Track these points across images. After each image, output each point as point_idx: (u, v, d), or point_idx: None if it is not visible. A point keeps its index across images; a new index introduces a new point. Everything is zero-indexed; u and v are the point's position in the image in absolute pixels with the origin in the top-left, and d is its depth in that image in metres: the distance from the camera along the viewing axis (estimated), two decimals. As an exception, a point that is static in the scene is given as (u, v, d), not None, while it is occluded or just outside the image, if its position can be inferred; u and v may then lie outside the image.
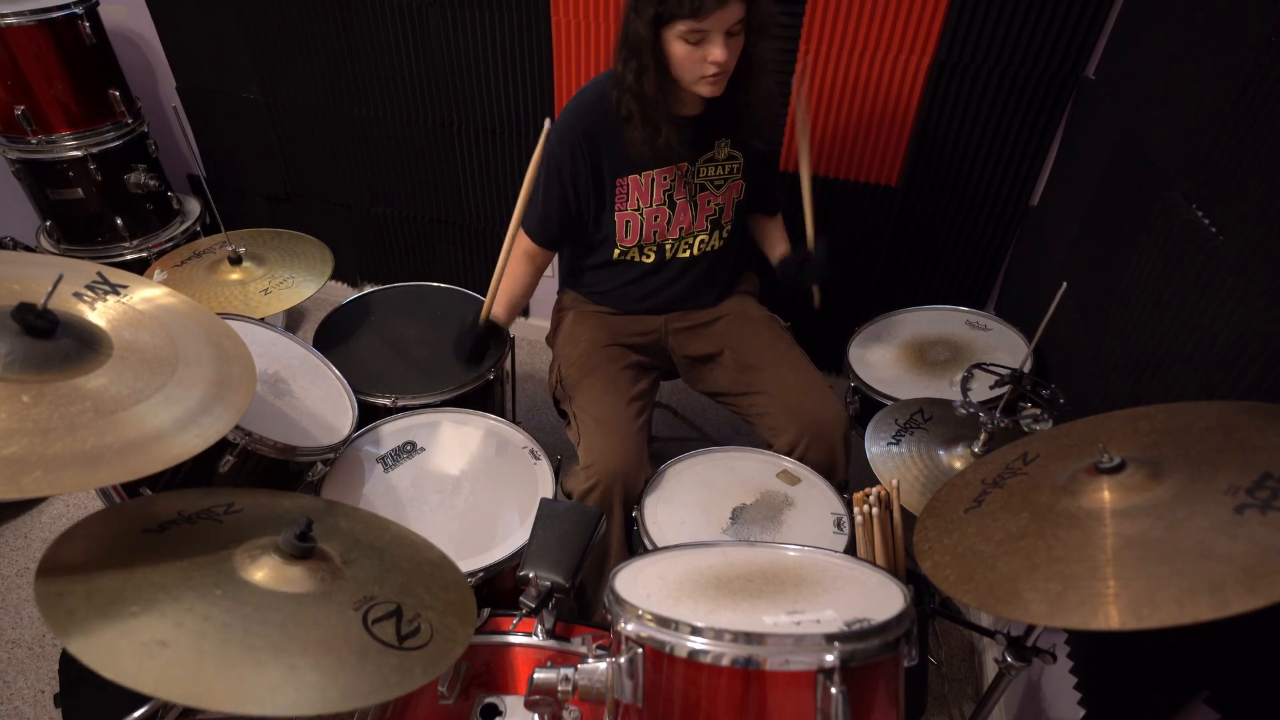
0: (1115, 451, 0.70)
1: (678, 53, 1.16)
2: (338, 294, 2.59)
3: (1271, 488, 0.58)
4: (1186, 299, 0.97)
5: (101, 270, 0.96)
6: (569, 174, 1.33)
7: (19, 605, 1.61)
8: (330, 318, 1.65)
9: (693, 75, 1.19)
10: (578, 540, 0.96)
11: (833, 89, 1.73)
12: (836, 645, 0.64)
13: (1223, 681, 0.78)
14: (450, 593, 0.87)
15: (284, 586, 0.76)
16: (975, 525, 0.77)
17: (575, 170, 1.32)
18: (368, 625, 0.75)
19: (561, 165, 1.32)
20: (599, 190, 1.36)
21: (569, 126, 1.31)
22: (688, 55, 1.16)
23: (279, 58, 2.14)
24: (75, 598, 0.66)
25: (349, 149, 2.26)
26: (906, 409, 1.20)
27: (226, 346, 0.95)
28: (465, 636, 0.81)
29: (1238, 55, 0.96)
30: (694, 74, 1.18)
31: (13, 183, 2.05)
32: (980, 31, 1.57)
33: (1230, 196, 0.93)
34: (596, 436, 1.30)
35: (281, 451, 1.16)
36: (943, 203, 1.82)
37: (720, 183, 1.39)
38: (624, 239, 1.40)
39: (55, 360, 0.77)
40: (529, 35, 1.87)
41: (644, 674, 0.70)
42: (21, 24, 1.79)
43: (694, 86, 1.20)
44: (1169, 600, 0.55)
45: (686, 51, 1.15)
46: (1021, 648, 0.92)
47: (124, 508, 0.83)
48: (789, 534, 1.21)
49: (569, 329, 1.53)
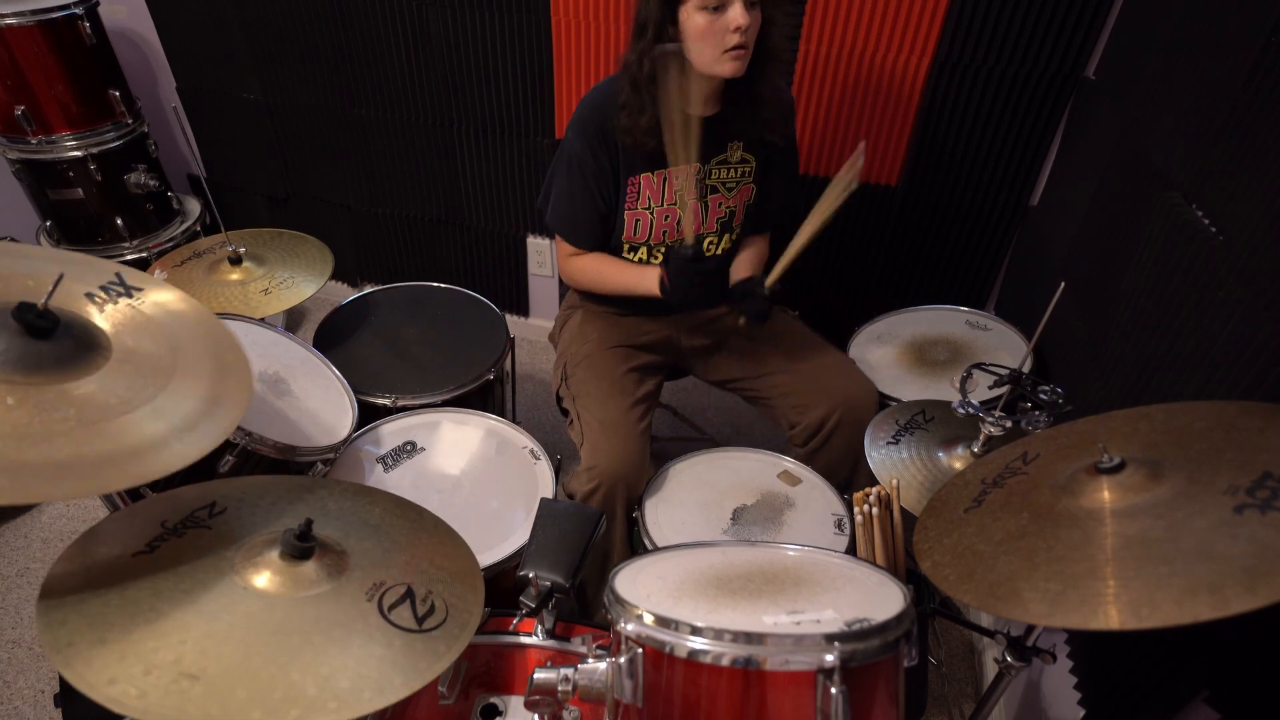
0: (1115, 451, 0.70)
1: (698, 26, 1.12)
2: (338, 294, 2.59)
3: (1271, 488, 0.58)
4: (1186, 299, 0.96)
5: (121, 271, 0.93)
6: (592, 171, 1.31)
7: (19, 605, 1.61)
8: (330, 318, 1.66)
9: (715, 51, 1.14)
10: (578, 540, 0.96)
11: (833, 89, 1.73)
12: (836, 645, 0.64)
13: (1223, 681, 0.78)
14: (453, 560, 0.87)
15: (295, 591, 0.75)
16: (975, 525, 0.77)
17: (598, 166, 1.31)
18: (385, 613, 0.74)
19: (584, 164, 1.31)
20: (615, 186, 1.35)
21: (586, 121, 1.29)
22: (709, 26, 1.12)
23: (279, 58, 2.14)
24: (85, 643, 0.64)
25: (349, 149, 2.26)
26: (908, 410, 1.20)
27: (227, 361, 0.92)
28: (478, 604, 0.81)
29: (1238, 55, 0.96)
30: (716, 49, 1.14)
31: (13, 183, 2.05)
32: (980, 31, 1.57)
33: (1230, 196, 0.93)
34: (600, 439, 1.30)
35: (281, 452, 1.16)
36: (943, 203, 1.81)
37: (732, 185, 1.38)
38: (633, 237, 1.39)
39: (49, 363, 0.75)
40: (529, 35, 1.87)
41: (644, 674, 0.70)
42: (21, 24, 1.79)
43: (716, 66, 1.16)
44: (1169, 600, 0.55)
45: (707, 22, 1.11)
46: (1021, 648, 0.92)
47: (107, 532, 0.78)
48: (789, 534, 1.21)
49: (576, 327, 1.52)
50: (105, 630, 0.66)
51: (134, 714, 0.60)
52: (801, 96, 1.75)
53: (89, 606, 0.68)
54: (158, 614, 0.69)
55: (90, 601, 0.68)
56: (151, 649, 0.65)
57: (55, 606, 0.67)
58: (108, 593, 0.70)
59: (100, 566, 0.73)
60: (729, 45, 1.14)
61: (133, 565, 0.74)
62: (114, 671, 0.62)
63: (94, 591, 0.69)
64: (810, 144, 1.82)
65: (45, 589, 0.69)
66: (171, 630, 0.67)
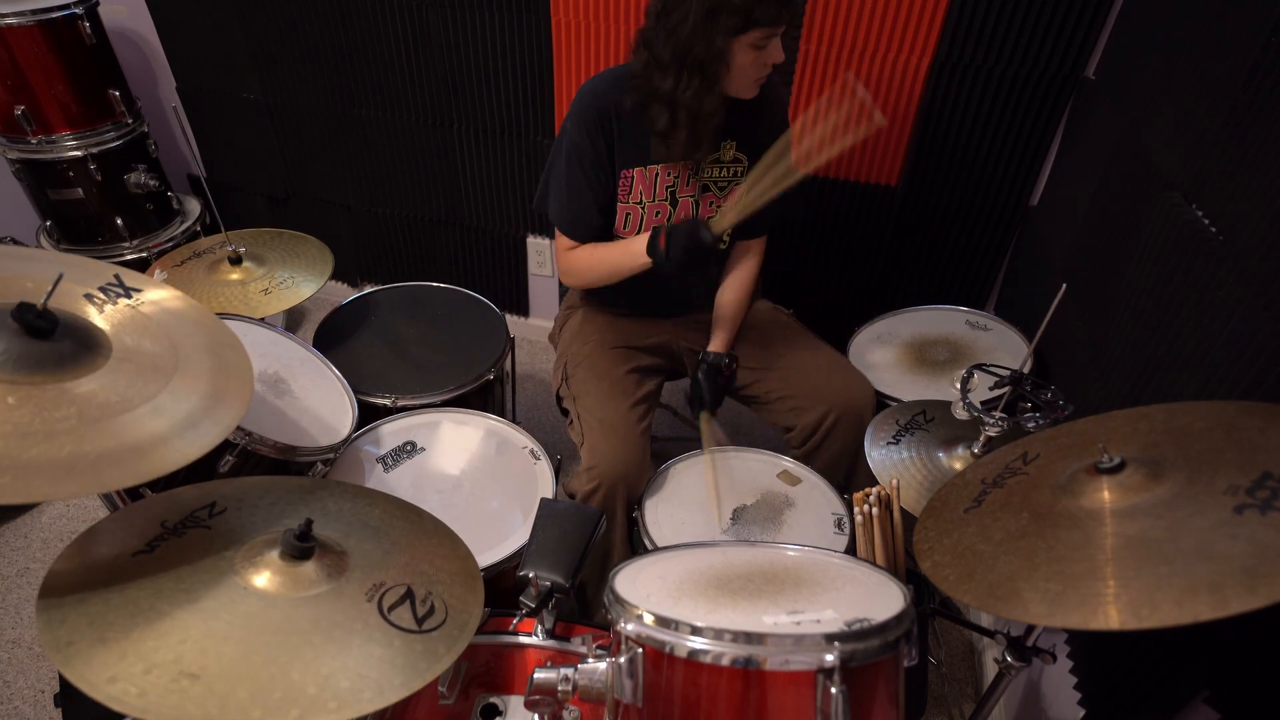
0: (1115, 451, 0.70)
1: (745, 60, 1.17)
2: (338, 294, 2.59)
3: (1271, 488, 0.58)
4: (1186, 299, 0.96)
5: (119, 273, 0.94)
6: (590, 160, 1.31)
7: (19, 605, 1.61)
8: (330, 318, 1.66)
9: (748, 80, 1.21)
10: (578, 540, 0.96)
11: (833, 89, 1.73)
12: (836, 645, 0.64)
13: (1223, 681, 0.78)
14: (452, 561, 0.87)
15: (295, 591, 0.75)
16: (975, 525, 0.77)
17: (596, 155, 1.31)
18: (385, 614, 0.74)
19: (583, 153, 1.31)
20: (612, 175, 1.35)
21: (585, 109, 1.29)
22: (752, 62, 1.17)
23: (279, 58, 2.14)
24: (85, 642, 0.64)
25: (349, 149, 2.26)
26: (908, 410, 1.20)
27: (228, 359, 0.93)
28: (477, 604, 0.81)
29: (1238, 55, 0.96)
30: (750, 79, 1.20)
31: (13, 183, 2.05)
32: (980, 31, 1.57)
33: (1230, 196, 0.93)
34: (600, 439, 1.30)
35: (281, 452, 1.16)
36: (943, 203, 1.81)
37: (724, 184, 1.39)
38: (622, 231, 1.39)
39: (49, 362, 0.75)
40: (529, 35, 1.87)
41: (644, 674, 0.70)
42: (21, 24, 1.79)
43: (744, 91, 1.22)
44: (1169, 600, 0.55)
45: (752, 58, 1.16)
46: (1021, 648, 0.92)
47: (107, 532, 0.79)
48: (789, 534, 1.21)
49: (577, 327, 1.52)
50: (105, 629, 0.66)
51: (134, 713, 0.60)
52: (801, 96, 1.75)
53: (89, 606, 0.68)
54: (158, 613, 0.69)
55: (90, 601, 0.68)
56: (151, 648, 0.65)
57: (55, 606, 0.67)
58: (108, 592, 0.70)
59: (100, 566, 0.73)
60: (760, 76, 1.20)
61: (133, 565, 0.74)
62: (114, 670, 0.62)
63: (94, 591, 0.69)
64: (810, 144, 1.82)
65: (45, 589, 0.69)
66: (171, 630, 0.67)
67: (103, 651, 0.64)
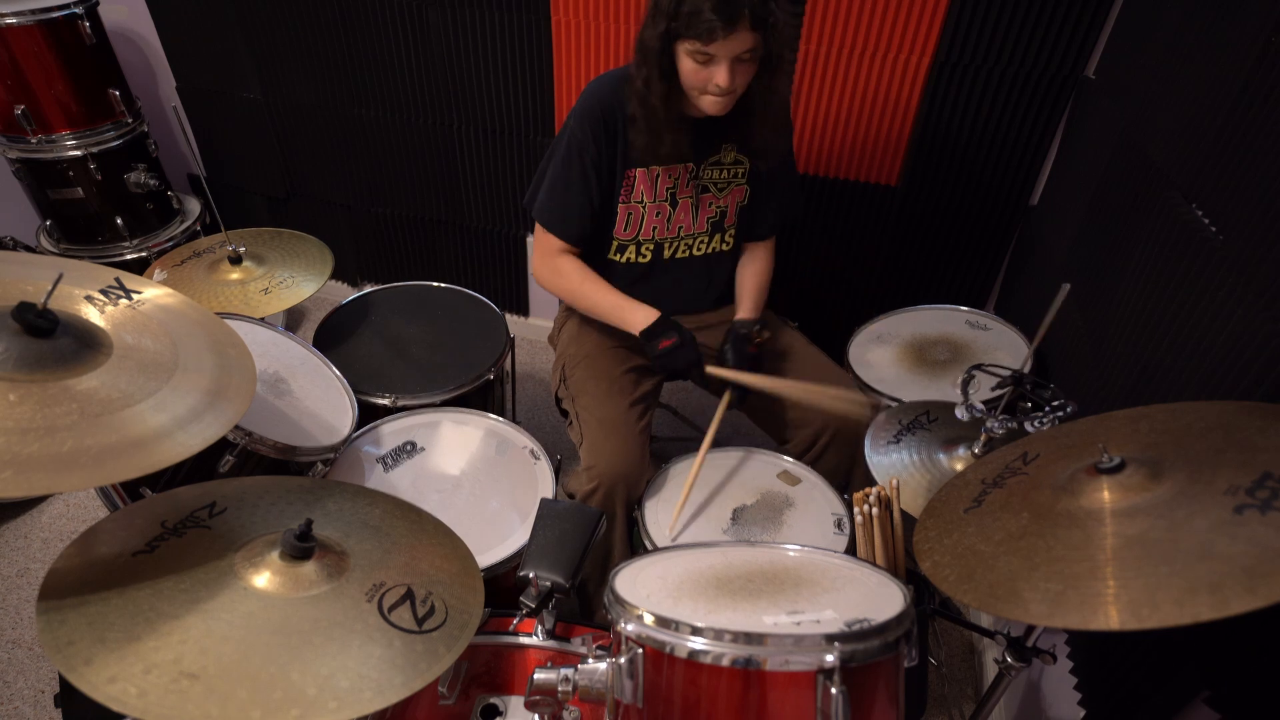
0: (1115, 451, 0.70)
1: (685, 67, 1.17)
2: (338, 294, 2.59)
3: (1271, 488, 0.58)
4: (1186, 299, 0.96)
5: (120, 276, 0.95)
6: (591, 158, 1.30)
7: (19, 605, 1.61)
8: (330, 318, 1.66)
9: (696, 93, 1.20)
10: (578, 540, 0.96)
11: (833, 89, 1.73)
12: (836, 645, 0.64)
13: (1223, 681, 0.78)
14: (452, 561, 0.87)
15: (295, 591, 0.75)
16: (975, 525, 0.77)
17: (598, 153, 1.30)
18: (385, 614, 0.74)
19: (584, 149, 1.30)
20: (612, 177, 1.35)
21: (590, 108, 1.29)
22: (695, 72, 1.16)
23: (279, 58, 2.14)
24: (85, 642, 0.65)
25: (349, 149, 2.26)
26: (910, 410, 1.20)
27: (230, 355, 0.93)
28: (478, 604, 0.81)
29: (1238, 55, 0.96)
30: (697, 91, 1.19)
31: (13, 182, 2.05)
32: (980, 31, 1.57)
33: (1230, 196, 0.93)
34: (599, 439, 1.29)
35: (281, 451, 1.16)
36: (943, 203, 1.82)
37: (724, 186, 1.38)
38: (623, 232, 1.39)
39: (50, 360, 0.76)
40: (529, 35, 1.87)
41: (644, 674, 0.70)
42: (21, 24, 1.79)
43: (698, 102, 1.21)
44: (1169, 600, 0.55)
45: (694, 69, 1.16)
46: (1021, 648, 0.92)
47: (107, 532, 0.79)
48: (789, 534, 1.21)
49: (575, 328, 1.52)
50: (105, 630, 0.66)
51: (134, 713, 0.60)
52: (801, 96, 1.75)
53: (89, 606, 0.68)
54: (158, 614, 0.69)
55: (90, 601, 0.68)
56: (151, 648, 0.65)
57: (55, 606, 0.67)
58: (108, 592, 0.70)
59: (100, 566, 0.73)
60: (710, 92, 1.18)
61: (133, 565, 0.74)
62: (114, 670, 0.62)
63: (94, 591, 0.69)
64: (810, 144, 1.82)
65: (45, 589, 0.69)
66: (171, 630, 0.67)
67: (103, 651, 0.64)
